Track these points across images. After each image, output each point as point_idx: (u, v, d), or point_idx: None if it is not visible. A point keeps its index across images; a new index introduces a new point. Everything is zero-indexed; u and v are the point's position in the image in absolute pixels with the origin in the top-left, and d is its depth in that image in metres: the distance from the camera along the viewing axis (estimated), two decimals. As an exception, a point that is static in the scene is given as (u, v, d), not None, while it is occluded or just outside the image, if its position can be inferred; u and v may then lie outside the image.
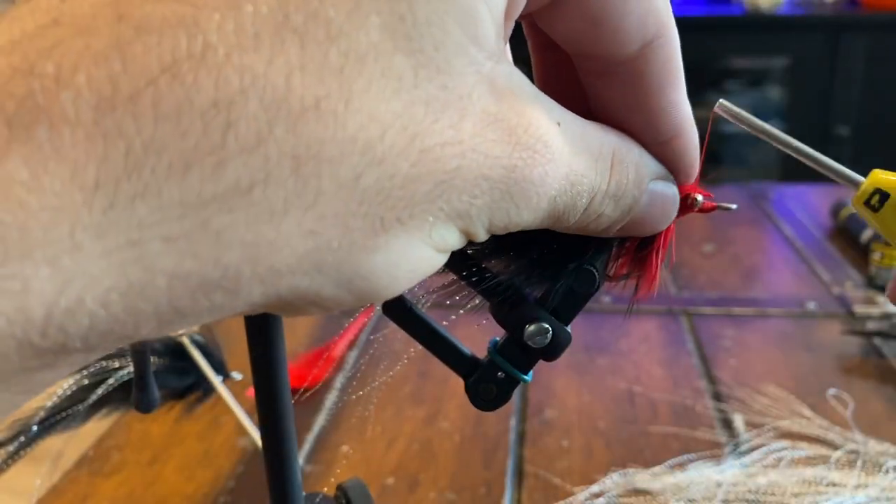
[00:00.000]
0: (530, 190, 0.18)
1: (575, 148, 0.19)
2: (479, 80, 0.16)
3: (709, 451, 0.57)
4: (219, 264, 0.14)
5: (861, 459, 0.55)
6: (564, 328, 0.23)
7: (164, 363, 0.44)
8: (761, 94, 2.32)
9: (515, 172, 0.17)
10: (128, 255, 0.13)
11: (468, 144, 0.16)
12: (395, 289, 0.17)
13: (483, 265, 0.22)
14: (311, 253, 0.15)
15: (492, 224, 0.18)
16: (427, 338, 0.23)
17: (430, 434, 0.60)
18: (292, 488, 0.31)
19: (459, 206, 0.17)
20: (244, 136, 0.14)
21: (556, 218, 0.19)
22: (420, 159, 0.16)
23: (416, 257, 0.17)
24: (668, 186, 0.22)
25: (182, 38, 0.13)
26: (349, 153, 0.15)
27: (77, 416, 0.43)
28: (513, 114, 0.17)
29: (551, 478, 0.55)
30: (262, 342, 0.29)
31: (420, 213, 0.16)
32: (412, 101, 0.15)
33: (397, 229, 0.16)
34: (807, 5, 2.27)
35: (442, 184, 0.16)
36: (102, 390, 0.43)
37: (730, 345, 0.73)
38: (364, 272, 0.16)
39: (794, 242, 0.99)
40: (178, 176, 0.13)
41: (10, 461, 0.42)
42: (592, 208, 0.20)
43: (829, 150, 1.90)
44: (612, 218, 0.21)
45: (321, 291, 0.16)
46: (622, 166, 0.20)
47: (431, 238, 0.17)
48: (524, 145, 0.17)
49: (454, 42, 0.16)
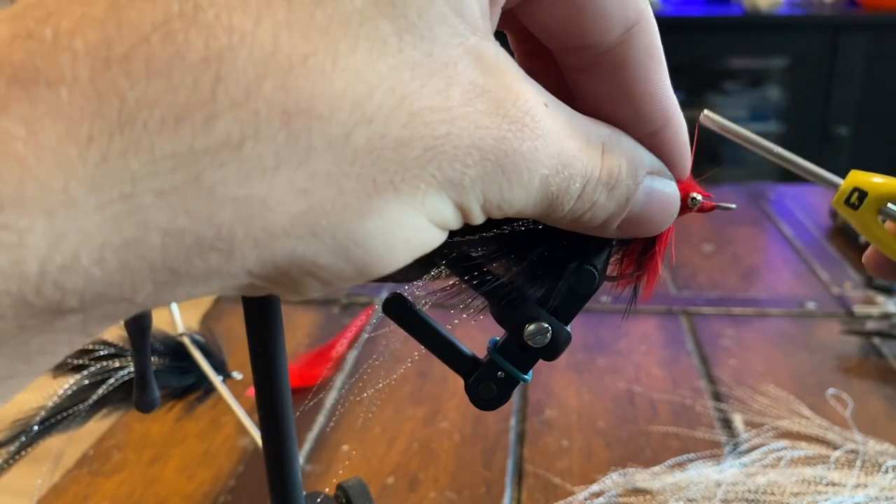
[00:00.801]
0: (520, 164, 0.18)
1: (563, 128, 0.19)
2: (465, 52, 0.17)
3: (708, 450, 0.57)
4: (212, 221, 0.14)
5: (860, 459, 0.55)
6: (564, 328, 0.23)
7: (165, 363, 0.44)
8: (761, 94, 2.32)
9: (505, 144, 0.17)
10: (121, 208, 0.14)
11: (457, 112, 0.16)
12: (390, 259, 0.17)
13: (483, 265, 0.23)
14: (304, 214, 0.15)
15: (486, 200, 0.18)
16: (427, 337, 0.23)
17: (430, 433, 0.60)
18: (293, 488, 0.31)
19: (451, 175, 0.17)
20: (234, 90, 0.14)
21: (549, 202, 0.19)
22: (409, 122, 0.16)
23: (410, 226, 0.17)
24: (667, 184, 0.22)
25: (174, 1, 0.14)
26: (338, 109, 0.15)
27: (77, 415, 0.43)
28: (500, 87, 0.17)
29: (551, 477, 0.55)
30: (263, 342, 0.29)
31: (412, 178, 0.16)
32: (398, 64, 0.16)
33: (390, 194, 0.16)
34: (806, 5, 2.27)
35: (432, 149, 0.16)
36: (103, 390, 0.43)
37: (729, 344, 0.73)
38: (359, 238, 0.16)
39: (793, 242, 0.99)
40: (170, 129, 0.14)
41: (11, 461, 0.42)
42: (586, 195, 0.20)
43: (828, 149, 1.89)
44: (608, 210, 0.20)
45: (317, 259, 0.16)
46: (613, 154, 0.20)
47: (425, 206, 0.17)
48: (513, 118, 0.17)
49: (437, 11, 0.16)
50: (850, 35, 2.11)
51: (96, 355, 0.44)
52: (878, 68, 2.11)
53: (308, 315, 0.81)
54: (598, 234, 0.22)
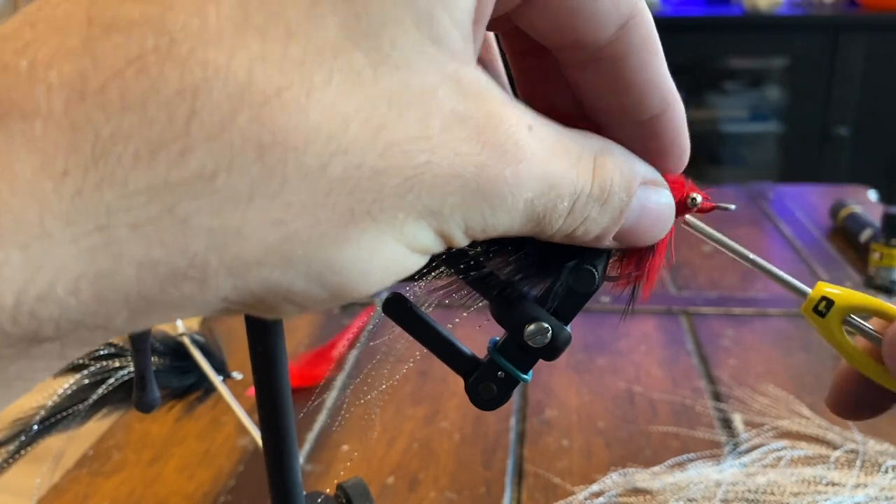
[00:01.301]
0: (503, 190, 0.18)
1: (551, 150, 0.19)
2: (444, 80, 0.17)
3: (708, 450, 0.57)
4: (186, 252, 0.14)
5: (860, 459, 0.55)
6: (564, 328, 0.23)
7: (165, 363, 0.44)
8: (761, 94, 2.32)
9: (486, 170, 0.17)
10: (96, 241, 0.14)
11: (437, 140, 0.16)
12: (367, 286, 0.17)
13: (483, 264, 0.23)
14: (279, 243, 0.15)
15: (468, 226, 0.18)
16: (427, 337, 0.23)
17: (430, 433, 0.60)
18: (293, 487, 0.31)
19: (431, 204, 0.17)
20: (208, 123, 0.14)
21: (536, 222, 0.19)
22: (387, 151, 0.16)
23: (388, 254, 0.17)
24: (662, 193, 0.22)
25: (149, 35, 0.14)
26: (314, 141, 0.15)
27: (77, 415, 0.43)
28: (481, 114, 0.17)
29: (551, 477, 0.55)
30: (263, 342, 0.29)
31: (390, 207, 0.16)
32: (374, 95, 0.16)
33: (367, 223, 0.16)
34: (806, 6, 2.27)
35: (411, 178, 0.16)
36: (103, 390, 0.43)
37: (729, 344, 0.73)
38: (335, 266, 0.16)
39: (793, 242, 0.99)
40: (145, 163, 0.14)
41: (11, 461, 0.42)
42: (576, 212, 0.20)
43: (828, 149, 1.89)
44: (601, 224, 0.20)
45: (292, 286, 0.16)
46: (605, 169, 0.20)
47: (403, 236, 0.17)
48: (494, 144, 0.17)
49: (412, 41, 0.16)
50: (850, 35, 2.11)
51: (96, 355, 0.44)
52: (878, 68, 2.11)
53: (308, 315, 0.81)
54: (593, 246, 0.21)
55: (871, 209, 1.02)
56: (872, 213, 0.97)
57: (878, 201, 1.15)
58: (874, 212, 0.98)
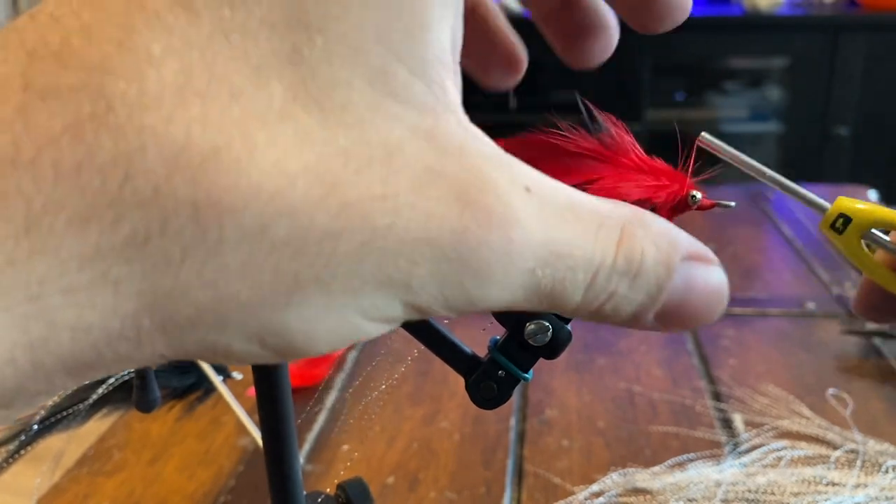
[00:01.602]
0: (490, 259, 0.16)
1: (557, 215, 0.17)
2: (412, 135, 0.15)
3: (708, 450, 0.57)
4: (117, 314, 0.14)
5: (860, 459, 0.55)
6: (565, 326, 0.23)
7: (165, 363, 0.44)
8: (761, 94, 2.32)
9: (468, 235, 0.15)
10: (29, 310, 0.14)
11: (403, 200, 0.15)
12: (313, 348, 0.16)
13: None
14: (213, 305, 0.15)
15: (449, 301, 0.16)
16: (427, 336, 0.23)
17: (430, 433, 0.60)
18: (293, 487, 0.31)
19: (394, 275, 0.15)
20: (142, 188, 0.14)
21: (544, 296, 0.17)
22: (342, 213, 0.15)
23: (337, 321, 0.16)
24: (712, 270, 0.19)
25: (85, 102, 0.14)
26: (253, 201, 0.14)
27: (78, 415, 0.43)
28: (461, 171, 0.16)
29: (551, 477, 0.55)
30: (263, 341, 0.29)
31: (344, 275, 0.15)
32: (327, 153, 0.15)
33: (314, 289, 0.15)
34: (806, 5, 2.27)
35: (370, 243, 0.15)
36: (103, 390, 0.43)
37: (729, 344, 0.73)
38: (276, 328, 0.15)
39: (793, 242, 0.99)
40: (76, 231, 0.14)
41: (11, 460, 0.42)
42: (598, 287, 0.17)
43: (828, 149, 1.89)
44: (636, 301, 0.18)
45: (230, 346, 0.15)
46: (634, 239, 0.18)
47: (359, 304, 0.16)
48: (477, 205, 0.16)
49: (364, 99, 0.15)
50: (850, 35, 2.11)
51: (96, 355, 0.44)
52: (878, 68, 2.11)
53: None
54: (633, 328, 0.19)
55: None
56: (872, 213, 0.97)
57: (879, 201, 1.15)
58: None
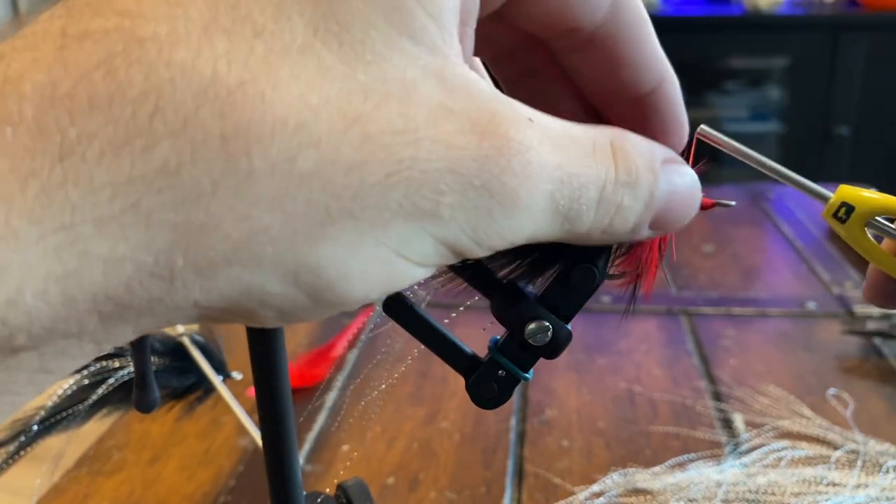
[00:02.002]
0: (515, 184, 0.16)
1: (558, 140, 0.18)
2: (425, 74, 0.16)
3: (709, 450, 0.57)
4: (150, 248, 0.14)
5: (861, 459, 0.55)
6: (565, 326, 0.22)
7: (165, 363, 0.44)
8: (761, 94, 2.32)
9: (489, 164, 0.16)
10: (61, 239, 0.14)
11: (423, 133, 0.16)
12: (349, 291, 0.16)
13: (481, 262, 0.22)
14: (247, 240, 0.15)
15: (478, 233, 0.17)
16: (427, 336, 0.23)
17: (431, 433, 0.60)
18: (293, 488, 0.31)
19: (422, 203, 0.16)
20: (171, 120, 0.14)
21: (564, 218, 0.18)
22: (364, 145, 0.15)
23: (372, 258, 0.16)
24: (685, 171, 0.21)
25: (118, 42, 0.14)
26: (280, 133, 0.15)
27: (77, 415, 0.43)
28: (472, 107, 0.16)
29: (551, 477, 0.55)
30: (263, 342, 0.29)
31: (373, 206, 0.15)
32: (347, 89, 0.15)
33: (347, 221, 0.15)
34: (807, 5, 2.27)
35: (395, 174, 0.15)
36: (103, 390, 0.43)
37: (730, 345, 0.73)
38: (310, 265, 0.16)
39: (793, 242, 0.99)
40: (108, 159, 0.14)
41: (11, 461, 0.42)
42: (607, 201, 0.19)
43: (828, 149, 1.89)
44: (637, 210, 0.19)
45: (266, 287, 0.16)
46: (626, 152, 0.19)
47: (390, 238, 0.16)
48: (493, 134, 0.16)
49: (383, 36, 0.16)
50: (850, 35, 2.11)
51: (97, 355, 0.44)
52: (878, 68, 2.11)
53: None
54: (634, 240, 0.21)
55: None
56: (873, 213, 0.97)
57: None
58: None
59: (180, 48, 0.14)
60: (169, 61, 0.14)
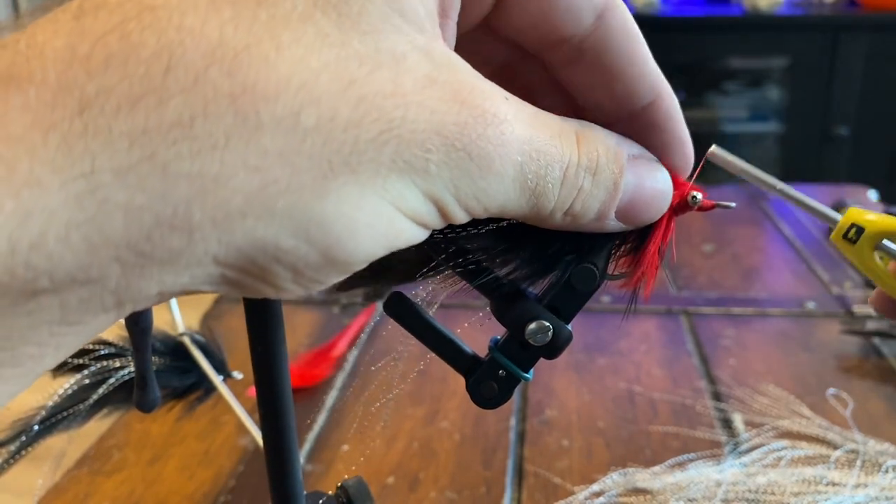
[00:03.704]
0: (489, 149, 0.18)
1: (531, 121, 0.19)
2: (413, 48, 0.17)
3: (709, 450, 0.57)
4: (167, 199, 0.15)
5: (860, 459, 0.55)
6: (565, 326, 0.23)
7: (165, 362, 0.44)
8: (761, 94, 2.32)
9: (468, 129, 0.18)
10: (82, 186, 0.15)
11: (411, 98, 0.17)
12: (356, 245, 0.17)
13: (481, 262, 0.23)
14: (259, 192, 0.16)
15: (459, 191, 0.18)
16: (428, 336, 0.23)
17: (431, 433, 0.60)
18: (293, 487, 0.31)
19: (412, 160, 0.17)
20: (182, 78, 0.15)
21: (531, 193, 0.19)
22: (359, 105, 0.16)
23: (373, 211, 0.17)
24: (654, 166, 0.22)
25: (131, 10, 0.16)
26: (284, 90, 0.16)
27: (78, 415, 0.43)
28: (454, 79, 0.18)
29: (551, 477, 0.55)
30: (263, 341, 0.29)
31: (370, 161, 0.17)
32: (343, 55, 0.17)
33: (347, 175, 0.17)
34: (806, 5, 2.27)
35: (387, 132, 0.17)
36: (103, 390, 0.43)
37: (729, 344, 0.73)
38: (318, 218, 0.17)
39: (793, 242, 0.99)
40: (125, 112, 0.15)
41: (12, 461, 0.42)
42: (569, 183, 0.20)
43: (828, 149, 1.89)
44: (599, 198, 0.21)
45: (279, 241, 0.16)
46: (588, 141, 0.20)
47: (388, 191, 0.17)
48: (472, 104, 0.18)
49: (378, 10, 0.17)
50: (850, 35, 2.11)
51: (96, 355, 0.44)
52: (878, 68, 2.11)
53: (308, 315, 0.81)
54: (600, 230, 0.21)
55: (872, 209, 1.01)
56: (872, 213, 0.97)
57: (878, 201, 1.15)
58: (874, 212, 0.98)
59: (189, 15, 0.16)
60: (179, 26, 0.15)
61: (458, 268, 0.23)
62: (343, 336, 0.74)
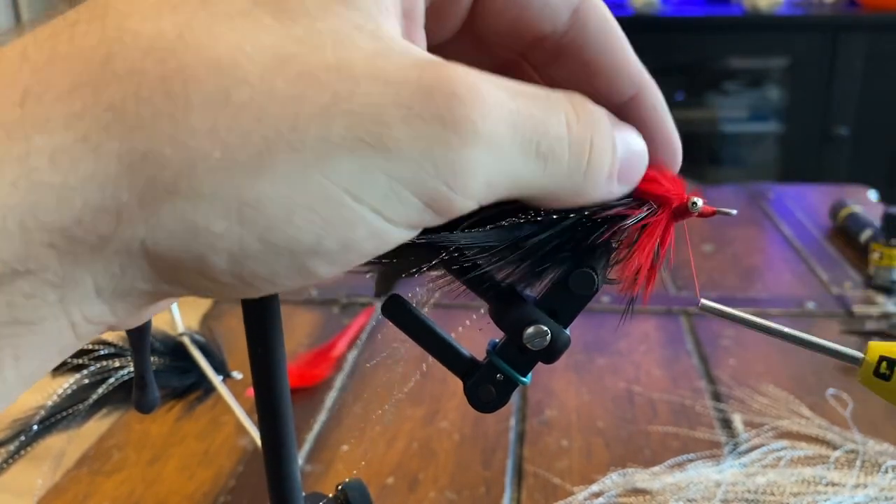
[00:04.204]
0: (465, 111, 0.16)
1: (513, 89, 0.18)
2: (360, 31, 0.17)
3: (708, 450, 0.57)
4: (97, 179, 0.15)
5: (860, 459, 0.55)
6: (563, 330, 0.23)
7: (165, 362, 0.44)
8: (761, 94, 2.32)
9: (434, 95, 0.16)
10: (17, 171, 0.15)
11: (360, 71, 0.16)
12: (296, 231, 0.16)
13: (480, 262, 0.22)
14: (186, 170, 0.15)
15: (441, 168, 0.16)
16: (426, 339, 0.23)
17: (430, 433, 0.60)
18: (292, 488, 0.31)
19: (366, 137, 0.16)
20: (120, 68, 0.16)
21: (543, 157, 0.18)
22: (299, 80, 0.16)
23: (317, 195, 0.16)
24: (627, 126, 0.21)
25: (85, 11, 0.17)
26: (214, 71, 0.16)
27: (77, 415, 0.43)
28: (410, 53, 0.17)
29: (551, 477, 0.55)
30: (262, 342, 0.29)
31: (315, 139, 0.16)
32: (282, 36, 0.16)
33: (288, 154, 0.16)
34: (806, 5, 2.27)
35: (333, 106, 0.16)
36: (103, 390, 0.43)
37: (729, 344, 0.73)
38: (251, 197, 0.16)
39: (793, 242, 0.99)
40: (63, 101, 0.16)
41: (11, 460, 0.42)
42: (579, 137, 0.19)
43: (828, 150, 1.89)
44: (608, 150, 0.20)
45: (210, 224, 0.16)
46: (579, 101, 0.19)
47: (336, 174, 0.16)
48: (436, 69, 0.16)
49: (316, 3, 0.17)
50: (850, 35, 2.11)
51: (96, 355, 0.44)
52: (878, 68, 2.11)
53: (308, 315, 0.81)
54: (609, 196, 0.21)
55: (871, 209, 1.01)
56: (872, 213, 0.97)
57: (878, 201, 1.15)
58: (874, 212, 0.98)
59: (133, 17, 0.16)
60: (121, 27, 0.16)
61: (454, 267, 0.22)
62: (343, 336, 0.74)
